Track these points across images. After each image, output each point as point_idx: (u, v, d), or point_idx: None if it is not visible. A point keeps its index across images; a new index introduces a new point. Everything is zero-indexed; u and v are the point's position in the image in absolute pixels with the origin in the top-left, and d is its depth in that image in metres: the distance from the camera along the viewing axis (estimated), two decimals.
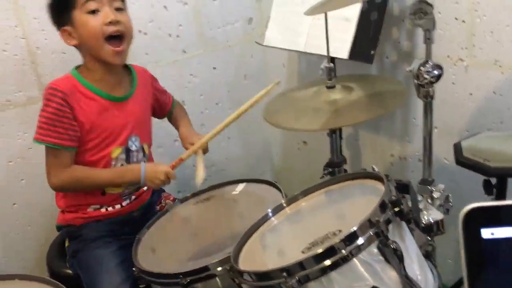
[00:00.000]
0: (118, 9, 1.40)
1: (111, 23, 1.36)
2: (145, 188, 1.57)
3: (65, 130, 1.36)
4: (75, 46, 1.42)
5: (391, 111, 1.41)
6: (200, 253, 1.29)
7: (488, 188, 1.37)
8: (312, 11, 1.23)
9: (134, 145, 1.51)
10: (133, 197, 1.53)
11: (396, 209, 0.90)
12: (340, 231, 0.92)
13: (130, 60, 1.69)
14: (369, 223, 0.86)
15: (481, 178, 1.34)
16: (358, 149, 2.05)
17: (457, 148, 1.40)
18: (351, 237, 0.85)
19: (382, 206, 0.89)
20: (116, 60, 1.41)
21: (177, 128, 1.72)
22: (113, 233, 1.47)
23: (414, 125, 1.79)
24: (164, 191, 1.69)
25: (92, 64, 1.42)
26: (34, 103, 1.72)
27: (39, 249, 1.82)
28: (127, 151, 1.49)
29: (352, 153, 2.05)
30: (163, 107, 1.70)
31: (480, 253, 0.54)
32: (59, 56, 1.74)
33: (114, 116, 1.45)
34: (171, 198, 1.65)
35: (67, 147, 1.37)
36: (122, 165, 1.48)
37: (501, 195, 1.36)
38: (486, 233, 0.55)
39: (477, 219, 0.55)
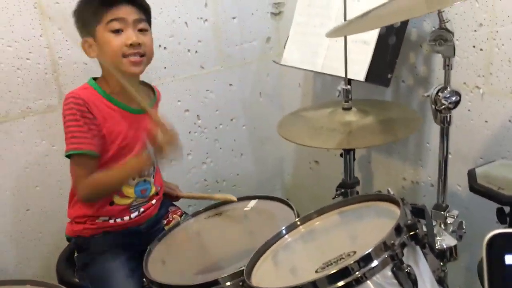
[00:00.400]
0: (142, 30, 1.41)
1: (131, 45, 1.37)
2: (153, 201, 1.56)
3: (94, 136, 1.37)
4: (94, 58, 1.44)
5: (404, 138, 1.44)
6: (209, 268, 1.29)
7: (501, 217, 1.36)
8: (333, 34, 1.25)
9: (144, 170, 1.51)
10: (142, 209, 1.53)
11: (412, 233, 0.90)
12: (354, 252, 0.92)
13: (149, 73, 1.72)
14: (384, 245, 0.87)
15: (493, 206, 1.33)
16: (370, 171, 2.05)
17: (471, 175, 1.40)
18: (366, 259, 0.86)
19: (398, 230, 0.89)
20: (135, 69, 1.41)
21: None
22: (121, 245, 1.48)
23: (428, 150, 1.80)
24: (172, 205, 1.69)
25: (111, 76, 1.43)
26: (53, 111, 1.76)
27: (49, 256, 1.83)
28: None
29: (364, 175, 2.05)
30: None
31: (503, 279, 0.54)
32: (80, 67, 1.77)
33: (132, 127, 1.46)
34: (179, 213, 1.64)
35: (97, 153, 1.38)
36: (133, 178, 1.48)
37: None
38: (510, 259, 0.55)
39: (501, 245, 0.56)
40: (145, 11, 1.44)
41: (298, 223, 1.13)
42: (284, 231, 1.12)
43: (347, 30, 1.29)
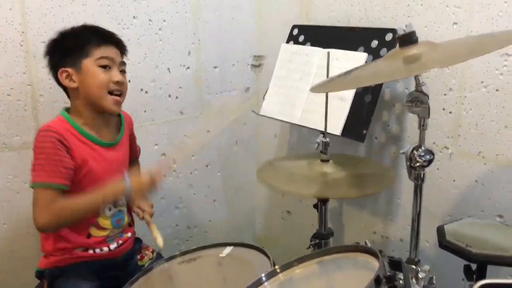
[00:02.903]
0: (122, 71, 1.51)
1: (117, 82, 1.47)
2: (129, 234, 1.58)
3: (64, 168, 1.37)
4: (70, 88, 1.46)
5: (378, 191, 1.50)
6: None
7: (468, 274, 1.41)
8: (316, 89, 1.32)
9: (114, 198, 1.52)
10: (120, 241, 1.54)
11: (390, 285, 0.93)
12: None
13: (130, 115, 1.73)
14: None
15: (460, 262, 1.38)
16: (341, 223, 2.09)
17: (440, 231, 1.45)
18: None
19: (377, 281, 0.92)
20: (116, 109, 1.49)
21: None
22: (96, 274, 1.47)
23: (398, 205, 1.86)
24: (141, 241, 1.70)
25: (84, 108, 1.47)
26: (28, 148, 1.70)
27: (24, 272, 1.76)
28: None
29: (335, 226, 2.08)
30: (131, 155, 1.69)
31: None
32: (60, 105, 1.75)
33: (103, 160, 1.48)
34: (150, 250, 1.67)
35: (65, 185, 1.38)
36: (110, 209, 1.51)
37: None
38: None
39: None
40: (125, 57, 1.56)
41: (278, 270, 1.14)
42: (264, 278, 1.12)
43: (329, 87, 1.36)
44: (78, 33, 1.48)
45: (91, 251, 1.48)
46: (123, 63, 1.52)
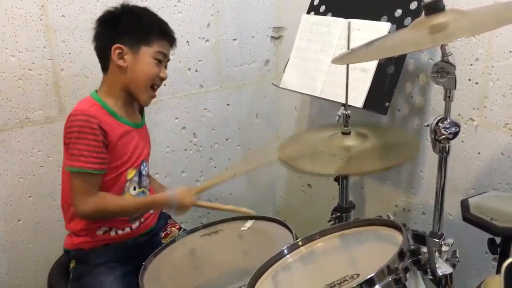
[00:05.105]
0: (165, 67, 1.53)
1: (162, 79, 1.49)
2: (151, 211, 1.59)
3: (103, 155, 1.39)
4: (117, 66, 1.43)
5: (404, 162, 1.46)
6: (204, 286, 1.30)
7: (492, 247, 1.39)
8: (338, 61, 1.29)
9: (144, 169, 1.55)
10: (142, 219, 1.55)
11: (414, 258, 0.92)
12: (358, 275, 0.94)
13: None
14: (388, 269, 0.88)
15: (483, 235, 1.36)
16: (363, 196, 2.08)
17: (465, 205, 1.43)
18: (369, 282, 0.87)
19: (401, 254, 0.91)
20: (148, 103, 1.52)
21: None
22: (119, 258, 1.48)
23: (420, 178, 1.83)
24: (170, 217, 1.71)
25: (118, 89, 1.46)
26: (51, 122, 1.76)
27: (39, 268, 1.82)
28: (140, 175, 1.52)
29: (356, 200, 2.07)
30: None
31: None
32: (81, 80, 1.78)
33: (134, 140, 1.50)
34: (177, 226, 1.67)
35: (100, 170, 1.39)
36: (134, 188, 1.51)
37: (504, 255, 1.39)
38: None
39: None
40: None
41: (300, 243, 1.14)
42: (285, 251, 1.13)
43: (351, 58, 1.32)
44: (143, 17, 1.47)
45: (113, 233, 1.48)
46: (168, 60, 1.53)
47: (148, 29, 1.44)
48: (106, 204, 1.41)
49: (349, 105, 1.61)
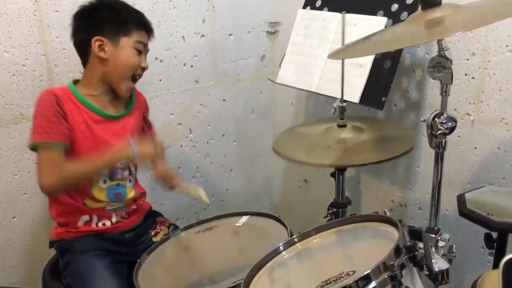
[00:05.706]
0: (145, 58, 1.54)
1: (143, 69, 1.51)
2: (133, 207, 1.57)
3: (58, 127, 1.38)
4: (98, 58, 1.43)
5: (400, 155, 1.46)
6: (200, 283, 1.30)
7: (489, 242, 1.39)
8: (334, 56, 1.28)
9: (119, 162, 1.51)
10: (124, 214, 1.54)
11: (410, 255, 0.92)
12: (353, 271, 0.93)
13: (144, 85, 1.73)
14: (384, 266, 0.88)
15: (480, 230, 1.36)
16: (359, 191, 2.08)
17: (461, 200, 1.43)
18: (365, 279, 0.87)
19: (397, 251, 0.91)
20: (127, 95, 1.53)
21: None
22: (105, 249, 1.47)
23: (417, 174, 1.83)
24: (160, 215, 1.68)
25: (97, 81, 1.47)
26: None
27: (34, 265, 1.80)
28: None
29: (353, 195, 2.07)
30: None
31: None
32: (76, 75, 1.75)
33: (101, 131, 1.47)
34: (167, 224, 1.64)
35: (60, 143, 1.38)
36: (105, 181, 1.49)
37: (501, 250, 1.39)
38: None
39: None
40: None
41: (296, 240, 1.13)
42: (281, 247, 1.12)
43: (347, 53, 1.32)
44: (120, 9, 1.48)
45: (93, 225, 1.49)
46: (148, 50, 1.54)
47: (126, 20, 1.46)
48: (66, 171, 1.38)
49: (345, 100, 1.61)
